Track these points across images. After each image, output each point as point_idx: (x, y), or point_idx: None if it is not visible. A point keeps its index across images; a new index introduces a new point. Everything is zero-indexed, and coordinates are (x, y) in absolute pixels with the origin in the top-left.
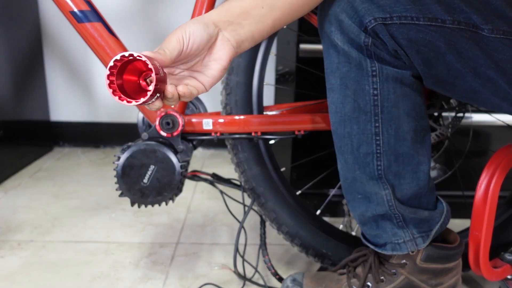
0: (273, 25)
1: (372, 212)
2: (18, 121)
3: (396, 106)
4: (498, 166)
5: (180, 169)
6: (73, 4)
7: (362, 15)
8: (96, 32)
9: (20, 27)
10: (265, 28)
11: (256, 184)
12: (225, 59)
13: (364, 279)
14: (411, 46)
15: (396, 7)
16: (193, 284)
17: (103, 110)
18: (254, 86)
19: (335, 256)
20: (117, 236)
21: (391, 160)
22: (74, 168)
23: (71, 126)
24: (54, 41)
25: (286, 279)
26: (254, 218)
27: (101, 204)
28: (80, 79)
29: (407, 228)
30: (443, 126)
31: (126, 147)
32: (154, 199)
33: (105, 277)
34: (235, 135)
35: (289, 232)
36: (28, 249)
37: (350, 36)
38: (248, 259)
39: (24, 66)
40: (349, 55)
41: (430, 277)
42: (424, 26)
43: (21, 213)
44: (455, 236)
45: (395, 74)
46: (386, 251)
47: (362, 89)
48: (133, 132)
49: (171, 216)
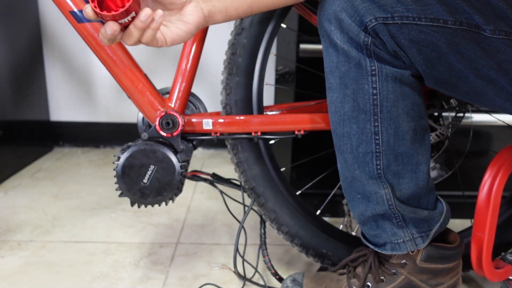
0: (250, 6)
1: (372, 211)
2: (18, 121)
3: (395, 105)
4: (501, 166)
5: (180, 169)
6: (73, 4)
7: (362, 14)
8: (96, 32)
9: (20, 27)
10: (241, 6)
11: (256, 184)
12: (193, 24)
13: (364, 279)
14: (413, 46)
15: (398, 7)
16: (193, 284)
17: (103, 110)
18: (254, 86)
19: (335, 256)
20: (117, 236)
21: (390, 159)
22: (74, 168)
23: (71, 126)
24: (54, 41)
25: (286, 279)
26: (254, 218)
27: (101, 204)
28: (80, 79)
29: (407, 228)
30: (443, 126)
31: (126, 147)
32: (154, 199)
33: (105, 277)
34: (235, 135)
35: (289, 232)
36: (28, 249)
37: (349, 35)
38: (248, 259)
39: (24, 66)
40: (348, 54)
41: (430, 277)
42: (425, 26)
43: (21, 213)
44: (455, 236)
45: (395, 73)
46: (386, 251)
47: (361, 89)
48: (133, 132)
49: (171, 216)
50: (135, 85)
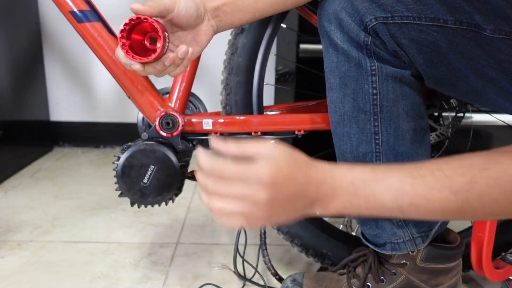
0: (253, 15)
1: None
2: (18, 121)
3: (395, 105)
4: None
5: (180, 169)
6: (72, 4)
7: (362, 14)
8: (96, 32)
9: (20, 27)
10: (246, 17)
11: None
12: (205, 43)
13: (364, 279)
14: (413, 46)
15: (398, 6)
16: (193, 284)
17: (103, 110)
18: (254, 86)
19: (335, 256)
20: (117, 236)
21: (390, 159)
22: (74, 168)
23: (71, 126)
24: (54, 41)
25: (286, 279)
26: None
27: (101, 204)
28: (80, 79)
29: (407, 227)
30: (443, 126)
31: (126, 147)
32: (154, 199)
33: (105, 277)
34: (235, 135)
35: (289, 232)
36: (28, 249)
37: (349, 35)
38: (248, 259)
39: (24, 66)
40: (348, 54)
41: (430, 277)
42: (425, 26)
43: (21, 213)
44: (455, 236)
45: (395, 73)
46: (386, 251)
47: (361, 88)
48: (133, 132)
49: (171, 216)
50: (135, 85)
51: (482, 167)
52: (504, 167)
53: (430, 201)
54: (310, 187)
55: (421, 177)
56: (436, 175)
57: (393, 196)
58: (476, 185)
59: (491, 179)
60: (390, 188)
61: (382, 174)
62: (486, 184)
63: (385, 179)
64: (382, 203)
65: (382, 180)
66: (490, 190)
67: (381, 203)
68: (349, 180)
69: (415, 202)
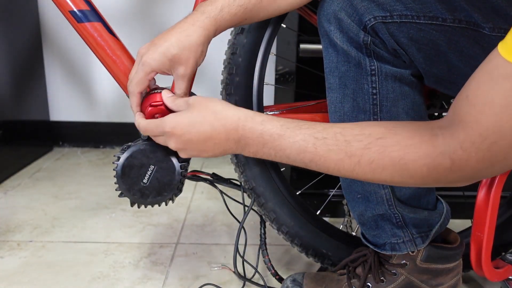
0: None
1: (372, 211)
2: (18, 121)
3: (395, 105)
4: None
5: (180, 169)
6: (72, 4)
7: (361, 14)
8: (96, 32)
9: (20, 27)
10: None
11: (256, 184)
12: None
13: (364, 280)
14: (412, 44)
15: (396, 5)
16: (193, 284)
17: (103, 110)
18: (254, 86)
19: (335, 256)
20: (117, 236)
21: None
22: (74, 168)
23: (71, 126)
24: (54, 41)
25: (286, 279)
26: (254, 218)
27: (101, 204)
28: (80, 79)
29: (407, 228)
30: None
31: (125, 147)
32: (153, 199)
33: (105, 277)
34: None
35: (289, 232)
36: (28, 249)
37: (349, 34)
38: (248, 259)
39: (24, 66)
40: (348, 54)
41: (431, 277)
42: (424, 24)
43: (21, 213)
44: (455, 236)
45: (395, 73)
46: (386, 251)
47: (361, 88)
48: (133, 132)
49: (171, 216)
50: None
51: (379, 136)
52: (398, 139)
53: (327, 161)
54: (220, 133)
55: (323, 139)
56: (336, 138)
57: (296, 152)
58: (368, 152)
59: (383, 147)
60: (295, 145)
61: (290, 132)
62: (377, 151)
63: (291, 137)
64: (287, 155)
65: (288, 137)
66: (380, 157)
67: (287, 156)
68: (258, 133)
69: (315, 160)
